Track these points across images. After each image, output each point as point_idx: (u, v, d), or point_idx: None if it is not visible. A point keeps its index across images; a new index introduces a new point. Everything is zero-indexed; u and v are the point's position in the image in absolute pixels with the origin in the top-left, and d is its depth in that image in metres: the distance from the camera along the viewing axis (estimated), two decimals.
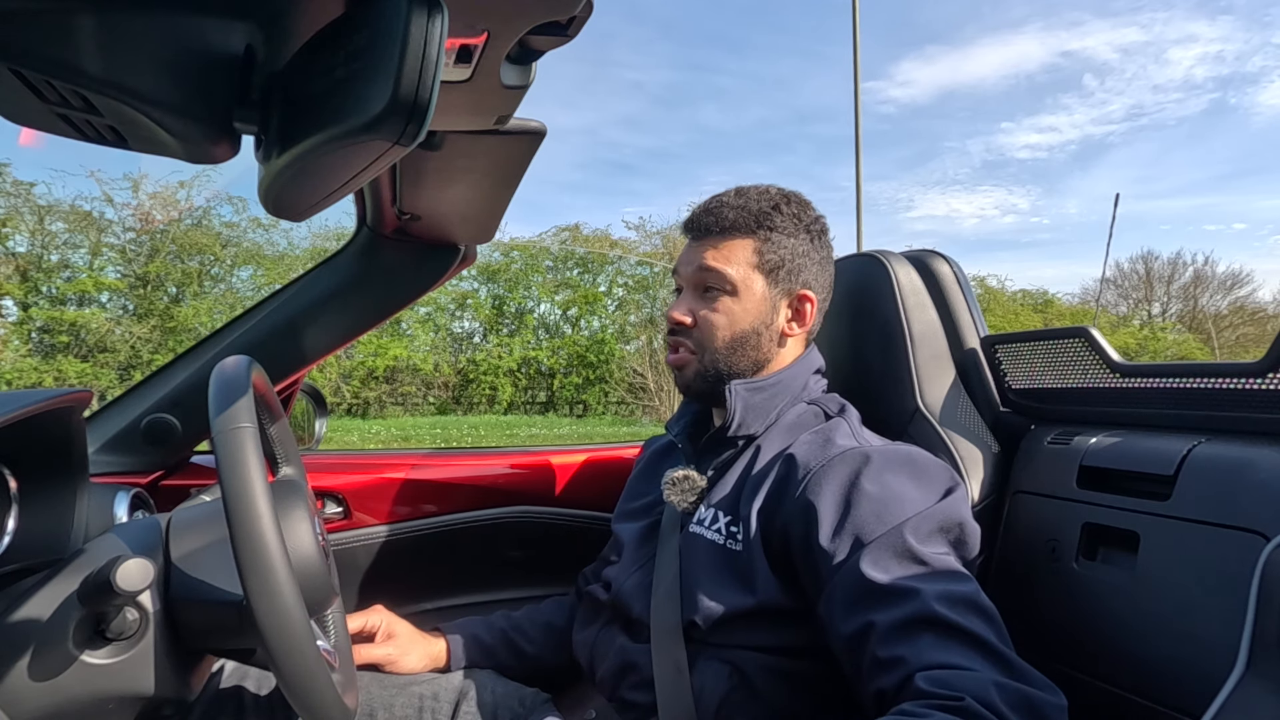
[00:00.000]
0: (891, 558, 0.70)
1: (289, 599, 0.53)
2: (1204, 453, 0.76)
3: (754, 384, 0.88)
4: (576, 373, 12.41)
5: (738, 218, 0.90)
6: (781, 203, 0.91)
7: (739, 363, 0.90)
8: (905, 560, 0.70)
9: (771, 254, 0.90)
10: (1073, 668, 0.83)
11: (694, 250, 0.92)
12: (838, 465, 0.78)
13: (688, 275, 0.93)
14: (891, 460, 0.78)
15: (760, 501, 0.81)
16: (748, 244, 0.90)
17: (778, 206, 0.91)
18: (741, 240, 0.90)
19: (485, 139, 0.78)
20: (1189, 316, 19.11)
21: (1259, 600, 0.49)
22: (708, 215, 0.91)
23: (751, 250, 0.90)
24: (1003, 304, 16.36)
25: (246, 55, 0.43)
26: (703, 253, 0.91)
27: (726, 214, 0.90)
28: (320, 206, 0.47)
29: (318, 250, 11.16)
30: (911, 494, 0.74)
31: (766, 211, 0.90)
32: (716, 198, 0.94)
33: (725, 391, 0.88)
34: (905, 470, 0.77)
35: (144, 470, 1.12)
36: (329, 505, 1.24)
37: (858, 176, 9.44)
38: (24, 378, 8.98)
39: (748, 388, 0.88)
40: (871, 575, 0.69)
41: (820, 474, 0.77)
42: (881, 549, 0.71)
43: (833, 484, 0.76)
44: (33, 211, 9.85)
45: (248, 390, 0.60)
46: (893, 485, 0.75)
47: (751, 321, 0.90)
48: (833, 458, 0.79)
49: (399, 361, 11.44)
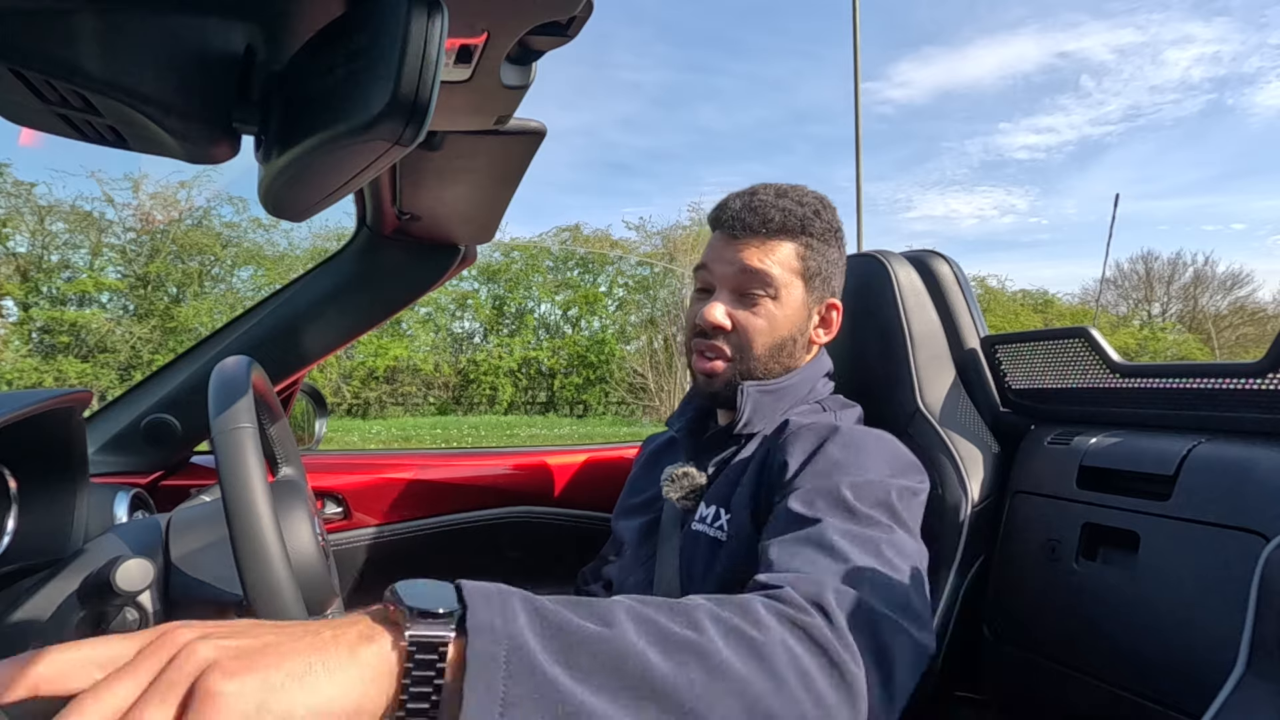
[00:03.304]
0: (820, 498, 0.69)
1: (289, 599, 0.53)
2: (1204, 453, 0.76)
3: (766, 386, 0.87)
4: (577, 373, 12.41)
5: (784, 220, 0.86)
6: (820, 208, 0.89)
7: (775, 370, 0.88)
8: (831, 503, 0.68)
9: (813, 260, 0.88)
10: (1073, 667, 0.83)
11: (733, 248, 0.87)
12: (807, 433, 0.79)
13: (726, 275, 0.87)
14: (863, 435, 0.78)
15: (749, 487, 0.81)
16: (792, 248, 0.87)
17: (818, 212, 0.88)
18: (787, 243, 0.87)
19: (485, 139, 0.77)
20: (1189, 316, 19.11)
21: (1259, 600, 0.49)
22: (751, 213, 0.86)
23: (795, 255, 0.87)
24: (1003, 304, 16.36)
25: (246, 55, 0.43)
26: (744, 252, 0.86)
27: (772, 214, 0.86)
28: (320, 206, 0.47)
29: (318, 250, 11.16)
30: (869, 463, 0.73)
31: (809, 216, 0.87)
32: (755, 194, 0.88)
33: (738, 392, 0.86)
34: (872, 444, 0.77)
35: (144, 470, 1.12)
36: (329, 505, 1.24)
37: (858, 177, 9.44)
38: (24, 378, 8.98)
39: (759, 389, 0.87)
40: (795, 508, 0.69)
41: (792, 437, 0.79)
42: (816, 492, 0.70)
43: (800, 445, 0.77)
44: (33, 212, 9.85)
45: (248, 390, 0.60)
46: (853, 452, 0.75)
47: (790, 328, 0.88)
48: (806, 425, 0.81)
49: (399, 361, 11.44)
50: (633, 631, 0.45)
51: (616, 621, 0.46)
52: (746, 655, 0.48)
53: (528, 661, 0.39)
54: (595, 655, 0.42)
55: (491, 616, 0.40)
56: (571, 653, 0.42)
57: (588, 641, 0.43)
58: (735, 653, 0.47)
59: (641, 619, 0.47)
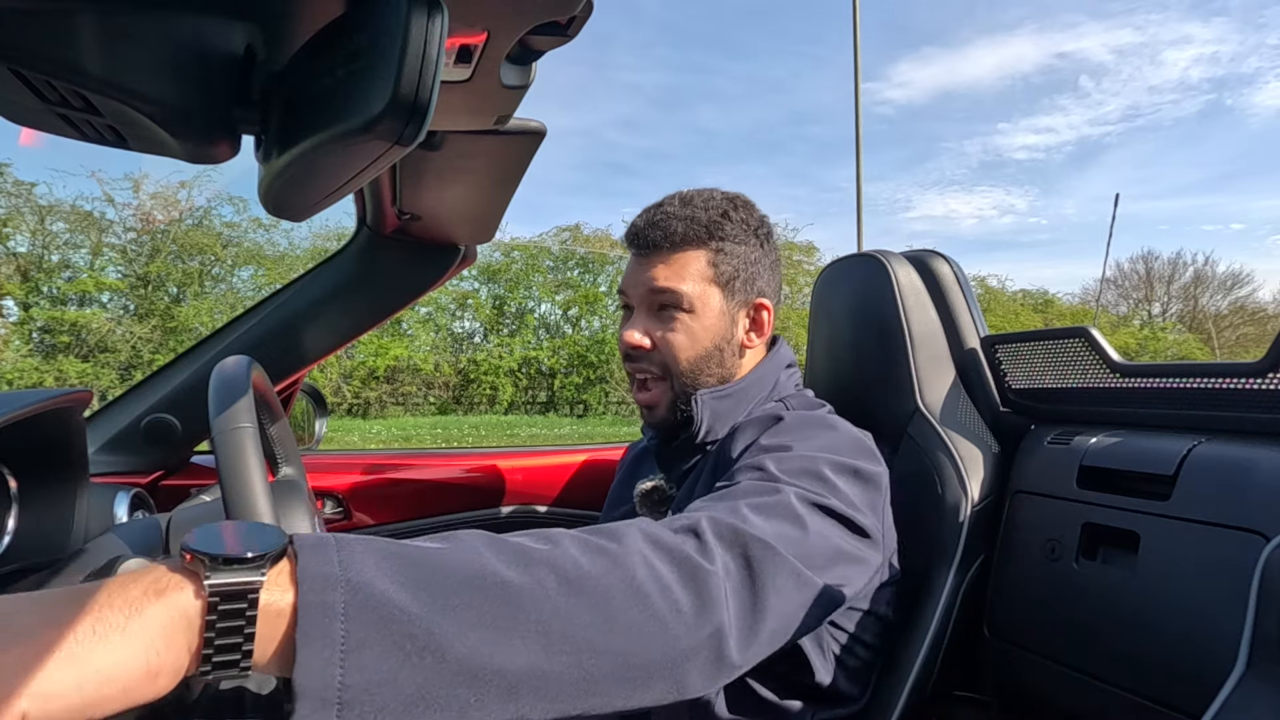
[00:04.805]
0: (742, 473, 0.70)
1: None
2: (1204, 453, 0.76)
3: (720, 392, 0.86)
4: (577, 373, 12.40)
5: (687, 229, 0.84)
6: (729, 209, 0.86)
7: (707, 382, 0.87)
8: (751, 473, 0.69)
9: (725, 265, 0.85)
10: (1073, 667, 0.83)
11: (642, 267, 0.86)
12: (751, 426, 0.80)
13: (638, 295, 0.86)
14: (805, 419, 0.79)
15: (705, 489, 0.81)
16: (700, 256, 0.84)
17: (726, 214, 0.85)
18: (693, 253, 0.84)
19: (485, 139, 0.77)
20: (1189, 316, 19.12)
21: (1259, 600, 0.49)
22: (653, 229, 0.85)
23: (705, 263, 0.84)
24: (1003, 304, 16.35)
25: (246, 55, 0.43)
26: (652, 270, 0.85)
27: (675, 226, 0.84)
28: (320, 206, 0.47)
29: (318, 250, 11.16)
30: (804, 443, 0.73)
31: (716, 220, 0.84)
32: (659, 208, 0.87)
33: (692, 402, 0.85)
34: (815, 426, 0.78)
35: (144, 470, 1.12)
36: (329, 505, 1.24)
37: (858, 178, 9.43)
38: (25, 378, 8.98)
39: (714, 396, 0.86)
40: (719, 485, 0.69)
41: (738, 432, 0.80)
42: (742, 470, 0.71)
43: (743, 438, 0.79)
44: (34, 212, 9.85)
45: (248, 390, 0.60)
46: (789, 435, 0.75)
47: (712, 338, 0.86)
48: (754, 419, 0.81)
49: (399, 361, 11.44)
50: (484, 550, 0.44)
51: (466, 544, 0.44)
52: (602, 564, 0.47)
53: (368, 599, 0.38)
54: (442, 572, 0.41)
55: (322, 564, 0.38)
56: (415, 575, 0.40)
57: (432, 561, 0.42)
58: (591, 561, 0.47)
59: (493, 540, 0.46)
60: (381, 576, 0.39)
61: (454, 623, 0.39)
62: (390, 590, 0.39)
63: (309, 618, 0.36)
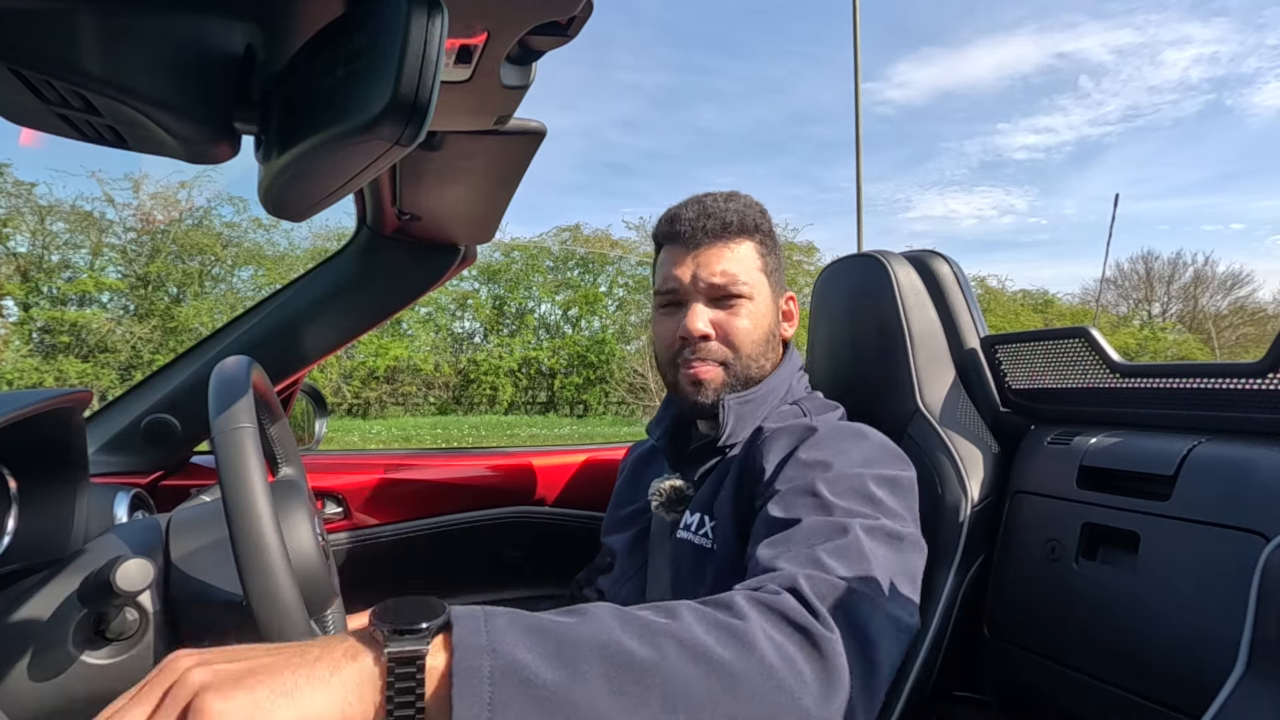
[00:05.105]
0: (796, 499, 0.70)
1: (289, 599, 0.53)
2: (1204, 453, 0.76)
3: (744, 397, 0.88)
4: (577, 373, 12.41)
5: (741, 221, 0.88)
6: (762, 209, 0.92)
7: (765, 368, 0.89)
8: (807, 501, 0.69)
9: (769, 257, 0.91)
10: (1073, 667, 0.83)
11: (696, 258, 0.87)
12: (784, 435, 0.80)
13: (695, 286, 0.87)
14: (837, 431, 0.79)
15: (730, 492, 0.81)
16: (752, 246, 0.89)
17: (763, 212, 0.92)
18: (749, 242, 0.89)
19: (485, 139, 0.77)
20: (1189, 316, 19.11)
21: (1259, 600, 0.49)
22: (709, 219, 0.87)
23: (756, 253, 0.89)
24: (1003, 304, 16.35)
25: (246, 55, 0.43)
26: (711, 259, 0.86)
27: (730, 216, 0.87)
28: (320, 206, 0.47)
29: (318, 250, 11.16)
30: (843, 458, 0.74)
31: (758, 216, 0.90)
32: (703, 202, 0.89)
33: (720, 406, 0.86)
34: (847, 439, 0.78)
35: (144, 470, 1.12)
36: (329, 505, 1.24)
37: (858, 178, 9.43)
38: (25, 378, 8.98)
39: (738, 401, 0.87)
40: (774, 514, 0.70)
41: (768, 441, 0.80)
42: (792, 493, 0.71)
43: (776, 449, 0.78)
44: (34, 212, 9.85)
45: (248, 390, 0.60)
46: (827, 450, 0.75)
47: (768, 325, 0.89)
48: (783, 428, 0.81)
49: (399, 361, 11.44)
50: (612, 623, 0.48)
51: (596, 617, 0.48)
52: (726, 639, 0.49)
53: (509, 664, 0.43)
54: (575, 645, 0.45)
55: (472, 635, 0.44)
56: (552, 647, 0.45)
57: (567, 634, 0.46)
58: (715, 637, 0.49)
59: (621, 614, 0.49)
60: (520, 647, 0.44)
61: (584, 689, 0.44)
62: (529, 659, 0.44)
63: (462, 679, 0.42)
